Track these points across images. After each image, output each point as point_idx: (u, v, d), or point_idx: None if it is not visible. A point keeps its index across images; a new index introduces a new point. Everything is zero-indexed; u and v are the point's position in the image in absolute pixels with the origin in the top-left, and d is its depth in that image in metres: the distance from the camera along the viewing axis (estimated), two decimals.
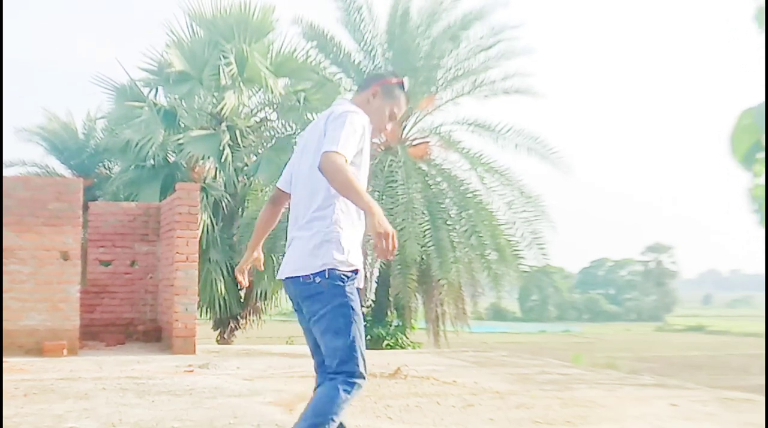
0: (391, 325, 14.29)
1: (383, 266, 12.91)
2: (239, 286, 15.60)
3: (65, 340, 8.32)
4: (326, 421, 2.80)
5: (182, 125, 15.19)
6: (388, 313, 14.19)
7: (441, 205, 13.65)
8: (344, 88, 15.06)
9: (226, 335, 15.68)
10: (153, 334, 9.98)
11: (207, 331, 15.16)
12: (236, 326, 15.80)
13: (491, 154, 14.67)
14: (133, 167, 15.29)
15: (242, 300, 15.67)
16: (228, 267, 14.82)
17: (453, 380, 6.68)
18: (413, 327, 14.58)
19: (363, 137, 2.94)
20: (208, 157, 14.99)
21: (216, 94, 15.28)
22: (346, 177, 2.77)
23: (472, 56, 14.48)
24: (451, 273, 13.08)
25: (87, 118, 18.46)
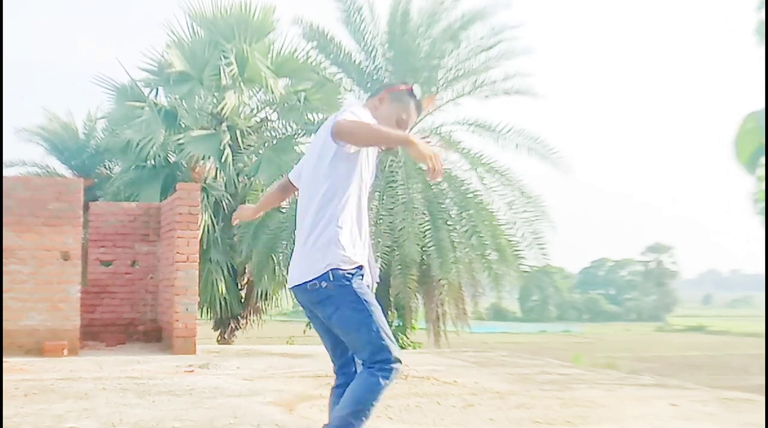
0: (392, 325, 14.29)
1: (384, 266, 12.90)
2: (239, 286, 15.61)
3: (65, 340, 8.33)
4: (366, 408, 2.83)
5: (183, 125, 15.20)
6: (389, 313, 14.18)
7: (441, 205, 13.64)
8: (344, 88, 15.06)
9: (227, 335, 15.68)
10: (153, 334, 9.98)
11: (207, 331, 15.17)
12: (237, 326, 15.80)
13: (492, 154, 14.59)
14: (134, 167, 15.30)
15: (243, 300, 15.67)
16: (229, 267, 14.83)
17: (453, 380, 6.68)
18: (414, 327, 14.59)
19: None
20: (209, 157, 15.00)
21: (216, 94, 15.30)
22: (363, 129, 2.79)
23: (473, 56, 14.46)
24: (452, 273, 13.07)
25: (87, 118, 18.47)
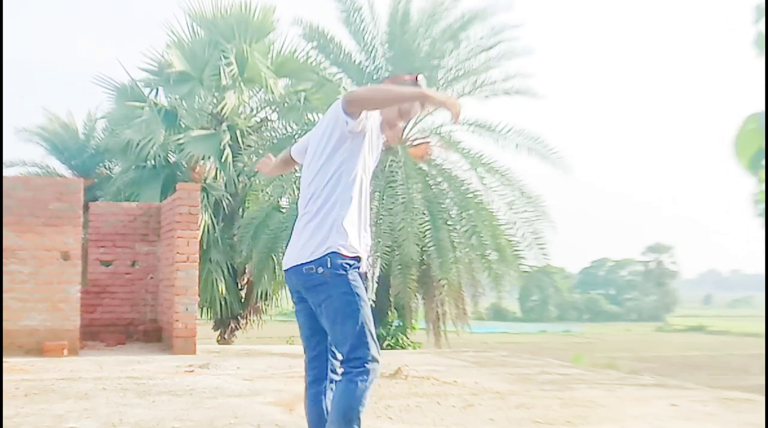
0: (392, 325, 14.29)
1: (384, 266, 12.91)
2: (239, 286, 15.61)
3: (66, 340, 8.33)
4: (355, 415, 2.80)
5: (183, 125, 15.21)
6: (389, 313, 14.19)
7: (441, 205, 13.64)
8: (344, 88, 15.06)
9: (227, 335, 15.68)
10: (153, 334, 9.98)
11: (207, 331, 15.17)
12: (237, 326, 15.80)
13: (492, 154, 14.63)
14: (134, 167, 15.31)
15: (243, 300, 15.68)
16: (229, 267, 14.83)
17: (453, 380, 6.68)
18: (414, 327, 14.59)
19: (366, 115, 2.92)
20: (209, 157, 15.00)
21: (216, 94, 15.31)
22: (374, 91, 2.81)
23: (473, 56, 14.47)
24: (452, 273, 13.08)
25: (87, 118, 18.48)
